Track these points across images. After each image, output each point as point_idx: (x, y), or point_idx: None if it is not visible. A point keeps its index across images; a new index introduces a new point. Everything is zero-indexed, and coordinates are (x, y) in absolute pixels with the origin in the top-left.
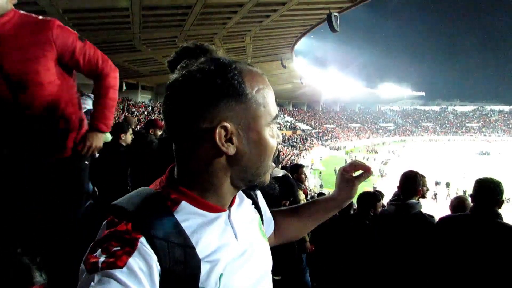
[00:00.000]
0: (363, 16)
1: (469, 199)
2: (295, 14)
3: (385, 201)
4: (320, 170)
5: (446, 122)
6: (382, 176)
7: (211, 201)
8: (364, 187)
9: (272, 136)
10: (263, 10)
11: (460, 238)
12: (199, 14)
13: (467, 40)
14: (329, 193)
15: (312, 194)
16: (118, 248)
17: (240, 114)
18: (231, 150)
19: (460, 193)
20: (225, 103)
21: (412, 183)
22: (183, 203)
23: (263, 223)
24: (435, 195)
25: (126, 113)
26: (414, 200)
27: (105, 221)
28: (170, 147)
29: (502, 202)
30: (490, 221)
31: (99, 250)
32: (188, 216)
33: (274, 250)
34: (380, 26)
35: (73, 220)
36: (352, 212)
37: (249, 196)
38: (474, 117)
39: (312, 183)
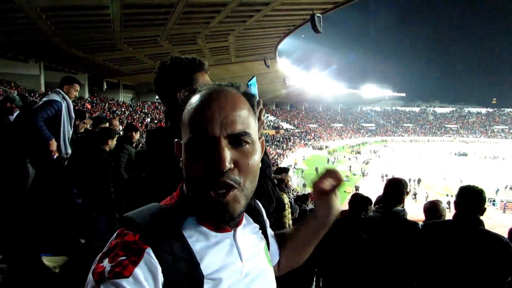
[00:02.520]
0: (346, 17)
1: (443, 204)
2: (279, 14)
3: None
4: (302, 169)
5: (426, 123)
6: (363, 175)
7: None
8: (346, 186)
9: (192, 158)
10: (246, 10)
11: (443, 244)
12: (181, 13)
13: (448, 43)
14: (312, 192)
15: (296, 194)
16: (125, 257)
17: (182, 131)
18: (182, 164)
19: (443, 195)
20: (180, 115)
21: (397, 191)
22: (190, 219)
23: (269, 249)
24: (415, 194)
25: (109, 115)
26: (399, 208)
27: (115, 233)
28: (147, 161)
29: (485, 209)
30: (473, 228)
31: (106, 259)
32: (194, 232)
33: None
34: (363, 27)
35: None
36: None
37: (256, 221)
38: (453, 118)
39: (295, 182)
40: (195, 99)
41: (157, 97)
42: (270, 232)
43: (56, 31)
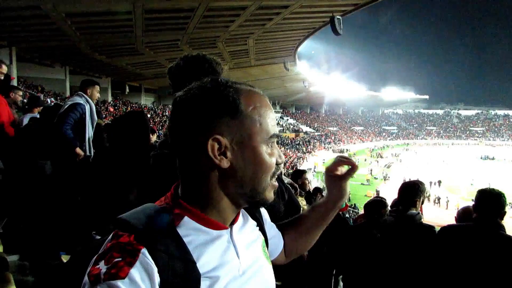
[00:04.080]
0: (366, 19)
1: None
2: (298, 17)
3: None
4: (323, 173)
5: (450, 126)
6: (385, 179)
7: (212, 217)
8: (367, 190)
9: (271, 154)
10: (266, 13)
11: (462, 248)
12: (201, 17)
13: (472, 44)
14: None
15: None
16: (120, 259)
17: (235, 129)
18: (224, 163)
19: (468, 200)
20: (220, 118)
21: (410, 194)
22: (186, 218)
23: (267, 246)
24: (439, 199)
25: None
26: (413, 211)
27: (110, 235)
28: (164, 164)
29: (505, 213)
30: (493, 233)
31: (102, 261)
32: (190, 231)
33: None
34: (384, 29)
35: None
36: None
37: (254, 217)
38: (479, 121)
39: (315, 186)
40: (259, 100)
41: None
42: (270, 225)
43: (81, 37)
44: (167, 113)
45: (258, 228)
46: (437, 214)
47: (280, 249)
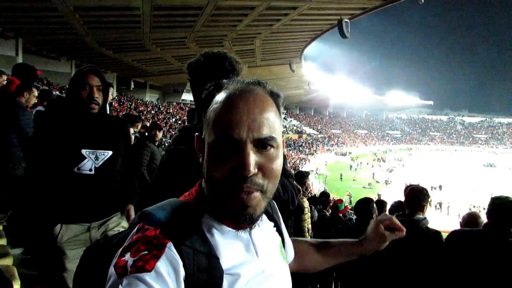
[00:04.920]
0: (373, 23)
1: (482, 217)
2: (306, 19)
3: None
4: (325, 175)
5: (454, 132)
6: (387, 184)
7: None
8: (369, 194)
9: (219, 157)
10: (274, 13)
11: (470, 254)
12: (209, 16)
13: (478, 51)
14: (333, 198)
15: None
16: (146, 252)
17: (205, 125)
18: (202, 162)
19: (473, 209)
20: (203, 113)
21: (418, 198)
22: (207, 215)
23: (284, 247)
24: (440, 204)
25: (134, 112)
26: (420, 216)
27: (135, 228)
28: (178, 159)
29: None
30: (503, 240)
31: (128, 254)
32: (213, 229)
33: None
34: (390, 33)
35: None
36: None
37: (271, 218)
38: (482, 128)
39: (317, 188)
40: (221, 97)
41: (182, 98)
42: (284, 229)
43: (88, 31)
44: (171, 110)
45: (275, 229)
46: (438, 219)
47: (291, 258)
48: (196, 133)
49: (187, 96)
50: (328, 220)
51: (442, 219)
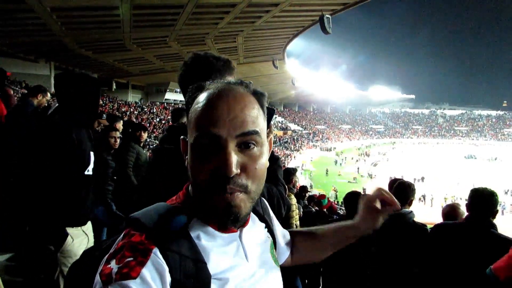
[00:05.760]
0: (355, 18)
1: (462, 207)
2: (288, 15)
3: None
4: (311, 171)
5: (435, 125)
6: (371, 177)
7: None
8: (354, 188)
9: (199, 157)
10: (255, 10)
11: (454, 247)
12: (190, 14)
13: (458, 45)
14: (319, 193)
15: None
16: (131, 258)
17: (188, 129)
18: (186, 166)
19: (456, 201)
20: (187, 117)
21: (404, 193)
22: (196, 219)
23: (275, 248)
24: (423, 196)
25: (117, 113)
26: (407, 209)
27: (122, 233)
28: (165, 158)
29: (497, 212)
30: (485, 231)
31: (113, 261)
32: (200, 232)
33: None
34: (372, 28)
35: None
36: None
37: (262, 219)
38: (463, 121)
39: (303, 183)
40: (202, 97)
41: (165, 97)
42: (280, 230)
43: (66, 32)
44: (154, 110)
45: (266, 230)
46: (422, 211)
47: (285, 257)
48: (182, 136)
49: (171, 96)
50: (313, 216)
51: (426, 211)
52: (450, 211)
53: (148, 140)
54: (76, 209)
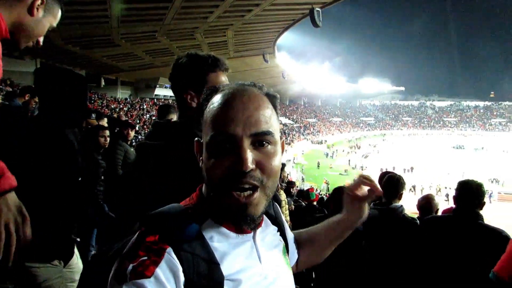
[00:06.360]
0: (345, 11)
1: (436, 199)
2: (278, 8)
3: None
4: (302, 164)
5: (425, 116)
6: (362, 169)
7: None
8: (346, 180)
9: (213, 160)
10: (245, 4)
11: (444, 240)
12: (180, 8)
13: (446, 37)
14: (311, 186)
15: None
16: (146, 258)
17: (203, 130)
18: (201, 166)
19: (444, 190)
20: (202, 118)
21: (394, 187)
22: (209, 220)
23: (287, 251)
24: (413, 186)
25: (107, 112)
26: (397, 204)
27: (136, 234)
28: (151, 155)
29: (484, 203)
30: (473, 223)
31: (127, 260)
32: (214, 233)
33: None
34: (362, 21)
35: None
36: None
37: (275, 223)
38: (451, 112)
39: (295, 177)
40: (217, 98)
41: (155, 93)
42: (289, 233)
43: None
44: (144, 106)
45: (279, 233)
46: (412, 202)
47: (294, 262)
48: (196, 138)
49: (160, 91)
50: (303, 209)
51: (416, 201)
52: (425, 203)
53: (139, 138)
54: (79, 217)
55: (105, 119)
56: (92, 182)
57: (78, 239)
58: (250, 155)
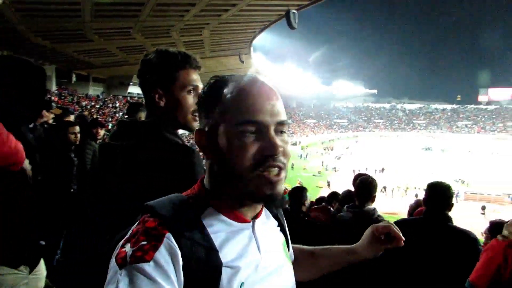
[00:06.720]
0: (321, 14)
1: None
2: (254, 9)
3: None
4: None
5: (396, 119)
6: (335, 171)
7: (232, 209)
8: (319, 181)
9: (243, 142)
10: (222, 4)
11: (414, 242)
12: (155, 5)
13: (417, 43)
14: (285, 188)
15: None
16: (145, 242)
17: (214, 119)
18: (208, 154)
19: (413, 190)
20: (207, 108)
21: (367, 190)
22: (210, 209)
23: (288, 247)
24: (384, 187)
25: (78, 109)
26: (370, 207)
27: (137, 220)
28: (113, 154)
29: (452, 205)
30: (442, 225)
31: (128, 245)
32: (214, 221)
33: None
34: (336, 24)
35: None
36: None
37: (275, 217)
38: (421, 114)
39: None
40: (237, 87)
41: (129, 91)
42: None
43: (21, 19)
44: (117, 104)
45: (279, 228)
46: (383, 202)
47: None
48: (198, 129)
49: (134, 89)
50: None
51: (387, 201)
52: (416, 207)
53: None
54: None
55: (72, 116)
56: (66, 181)
57: (43, 243)
58: (278, 141)
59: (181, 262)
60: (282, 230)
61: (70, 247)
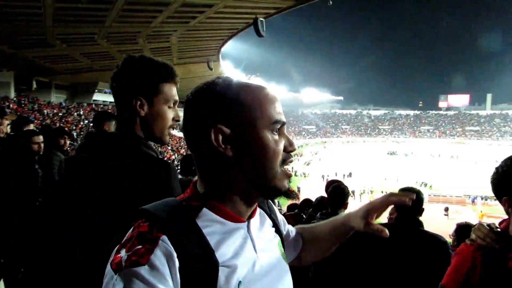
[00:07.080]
0: (288, 22)
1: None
2: (222, 17)
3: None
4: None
5: (362, 124)
6: (305, 176)
7: (228, 208)
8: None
9: (277, 140)
10: (189, 11)
11: (386, 247)
12: (121, 11)
13: (380, 51)
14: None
15: None
16: (140, 246)
17: (236, 118)
18: (229, 152)
19: (378, 192)
20: (221, 108)
21: (340, 196)
22: (204, 210)
23: (284, 246)
24: (352, 192)
25: (39, 117)
26: (343, 213)
27: (132, 226)
28: (80, 168)
29: (423, 210)
30: (414, 230)
31: (123, 250)
32: (209, 222)
33: None
34: (303, 33)
35: None
36: None
37: (270, 217)
38: (386, 120)
39: None
40: (254, 92)
41: (94, 98)
42: (290, 228)
43: None
44: (81, 112)
45: (274, 228)
46: (351, 206)
47: (292, 257)
48: (217, 127)
49: (99, 97)
50: None
51: (356, 206)
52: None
53: (75, 144)
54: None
55: (31, 125)
56: (33, 194)
57: (2, 260)
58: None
59: (177, 264)
60: (277, 231)
61: (70, 247)
